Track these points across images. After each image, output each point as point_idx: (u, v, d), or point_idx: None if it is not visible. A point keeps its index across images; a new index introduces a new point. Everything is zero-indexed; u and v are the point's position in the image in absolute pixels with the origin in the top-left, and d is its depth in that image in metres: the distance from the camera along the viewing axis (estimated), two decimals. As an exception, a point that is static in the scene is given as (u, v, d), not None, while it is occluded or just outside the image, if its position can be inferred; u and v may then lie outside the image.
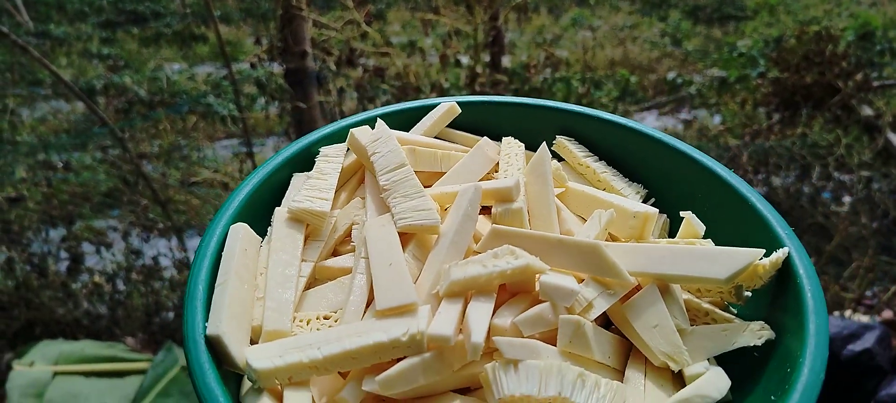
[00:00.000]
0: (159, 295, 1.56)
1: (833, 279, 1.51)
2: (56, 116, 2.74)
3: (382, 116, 0.44)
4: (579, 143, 0.46)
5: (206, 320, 0.31)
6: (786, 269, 0.33)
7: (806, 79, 2.13)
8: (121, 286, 1.60)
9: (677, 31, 3.58)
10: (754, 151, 1.98)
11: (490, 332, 0.30)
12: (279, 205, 0.39)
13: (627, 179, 0.44)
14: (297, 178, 0.41)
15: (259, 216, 0.38)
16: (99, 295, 1.56)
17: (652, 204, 0.42)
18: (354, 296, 0.33)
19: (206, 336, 0.30)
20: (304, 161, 0.41)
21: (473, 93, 1.75)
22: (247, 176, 0.39)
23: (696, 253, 0.32)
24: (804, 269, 0.32)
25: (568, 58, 2.99)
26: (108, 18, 4.28)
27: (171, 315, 1.53)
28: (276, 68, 1.56)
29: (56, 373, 1.17)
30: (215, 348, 0.30)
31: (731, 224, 0.38)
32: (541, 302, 0.31)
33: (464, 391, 0.31)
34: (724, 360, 0.32)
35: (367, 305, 0.33)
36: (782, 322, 0.32)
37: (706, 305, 0.34)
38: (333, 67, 1.66)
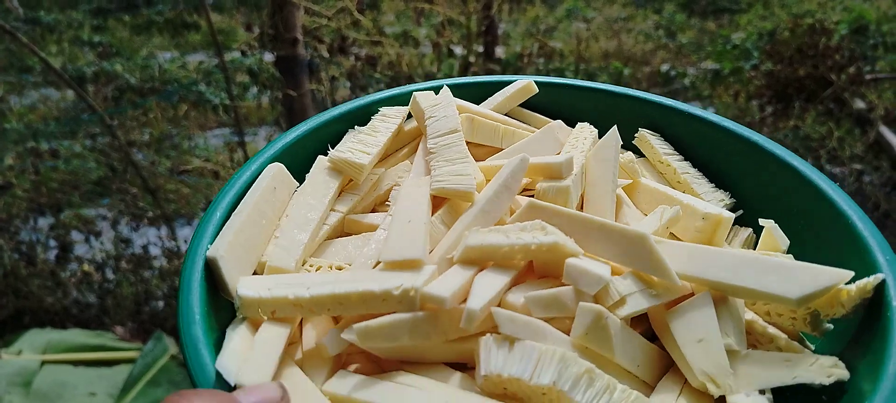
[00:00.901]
0: (149, 284, 1.55)
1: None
2: (45, 104, 2.71)
3: (453, 86, 0.42)
4: (664, 139, 0.41)
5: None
6: (877, 300, 0.27)
7: (799, 72, 2.13)
8: (110, 275, 1.58)
9: (672, 24, 3.57)
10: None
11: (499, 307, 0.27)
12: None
13: (713, 184, 0.39)
14: (352, 132, 0.40)
15: (304, 165, 0.37)
16: (88, 284, 1.55)
17: (739, 217, 0.37)
18: (369, 248, 0.32)
19: (205, 258, 0.29)
20: (365, 120, 0.41)
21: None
22: (254, 156, 0.38)
23: (765, 264, 0.27)
24: None
25: (562, 49, 2.98)
26: (99, 6, 4.23)
27: (160, 304, 1.52)
28: (268, 57, 1.55)
29: (44, 362, 1.16)
30: (212, 272, 0.29)
31: (827, 249, 0.32)
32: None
33: (460, 367, 0.29)
34: (782, 395, 0.26)
35: None
36: (858, 360, 0.26)
37: (772, 330, 0.29)
38: (326, 55, 1.64)
